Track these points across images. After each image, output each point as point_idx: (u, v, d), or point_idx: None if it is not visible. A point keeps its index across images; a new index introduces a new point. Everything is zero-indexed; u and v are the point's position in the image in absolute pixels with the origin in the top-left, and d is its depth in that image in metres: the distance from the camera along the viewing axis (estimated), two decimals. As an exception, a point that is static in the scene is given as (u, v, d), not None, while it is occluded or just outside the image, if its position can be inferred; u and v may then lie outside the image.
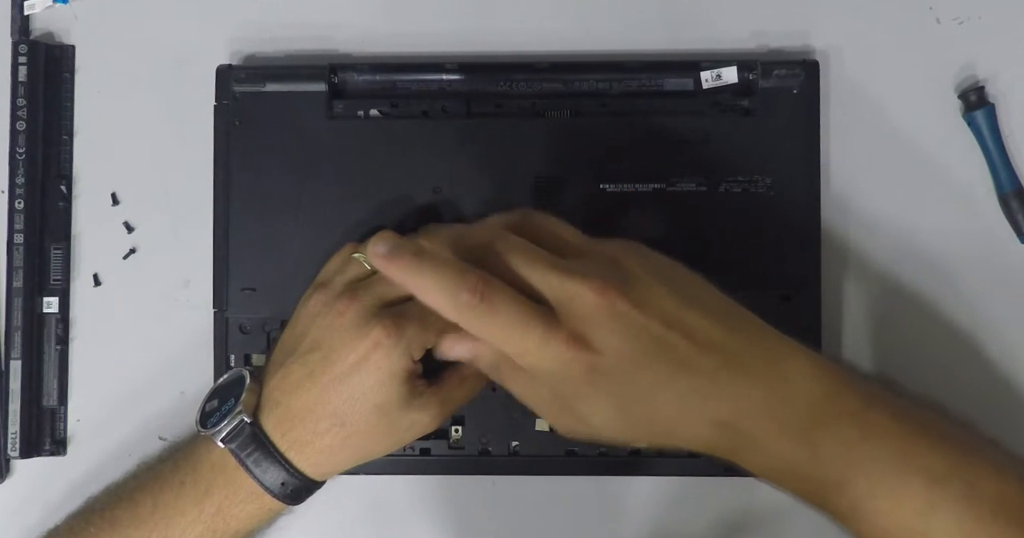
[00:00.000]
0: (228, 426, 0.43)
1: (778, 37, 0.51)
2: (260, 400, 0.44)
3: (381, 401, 0.42)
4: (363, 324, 0.42)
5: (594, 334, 0.39)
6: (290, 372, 0.43)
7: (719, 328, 0.40)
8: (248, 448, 0.43)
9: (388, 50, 0.52)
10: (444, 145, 0.49)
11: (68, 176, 0.51)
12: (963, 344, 0.50)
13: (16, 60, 0.50)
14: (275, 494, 0.43)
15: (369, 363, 0.42)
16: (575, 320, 0.39)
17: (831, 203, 0.50)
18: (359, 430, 0.43)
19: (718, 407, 0.39)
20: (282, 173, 0.49)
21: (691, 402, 0.39)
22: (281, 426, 0.43)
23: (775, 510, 0.49)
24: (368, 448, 0.44)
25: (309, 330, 0.44)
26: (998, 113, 0.49)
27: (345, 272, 0.45)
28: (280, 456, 0.43)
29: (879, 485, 0.38)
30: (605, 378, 0.39)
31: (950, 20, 0.51)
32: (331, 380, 0.42)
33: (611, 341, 0.39)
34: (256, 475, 0.43)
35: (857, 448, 0.38)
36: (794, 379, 0.39)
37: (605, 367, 0.39)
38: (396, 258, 0.40)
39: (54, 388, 0.50)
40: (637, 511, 0.50)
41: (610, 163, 0.49)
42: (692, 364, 0.39)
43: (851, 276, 0.50)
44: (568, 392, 0.40)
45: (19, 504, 0.50)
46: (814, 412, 0.39)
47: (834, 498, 0.39)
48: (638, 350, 0.39)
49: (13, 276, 0.49)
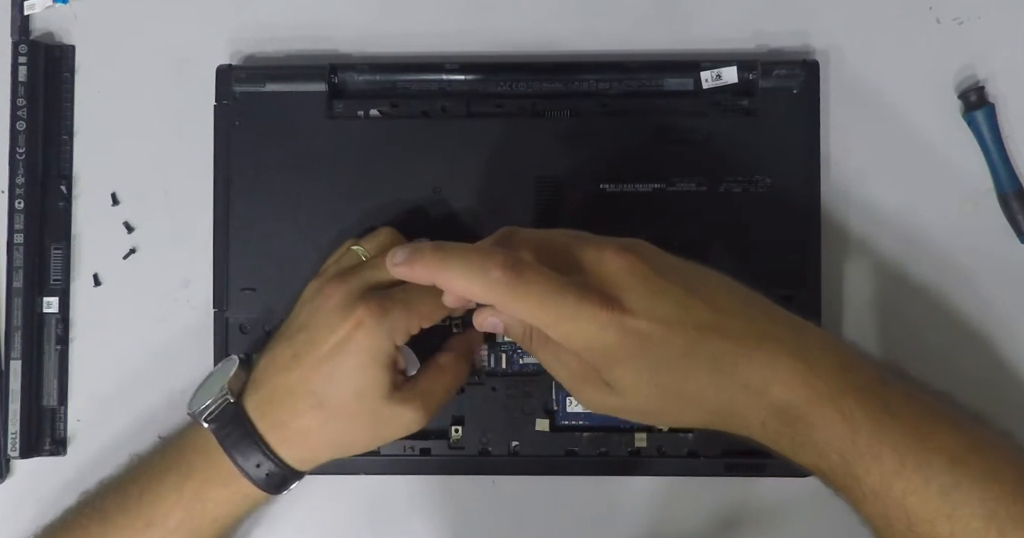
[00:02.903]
0: (212, 406, 0.43)
1: (778, 37, 0.51)
2: (247, 382, 0.45)
3: (361, 386, 0.42)
4: (348, 305, 0.42)
5: (626, 295, 0.38)
6: (276, 354, 0.44)
7: (736, 299, 0.40)
8: (227, 428, 0.43)
9: (388, 50, 0.52)
10: (444, 145, 0.49)
11: (68, 176, 0.51)
12: (964, 344, 0.50)
13: (16, 60, 0.50)
14: (251, 477, 0.43)
15: (351, 344, 0.42)
16: (605, 283, 0.39)
17: (831, 203, 0.50)
18: (337, 414, 0.43)
19: (748, 372, 0.38)
20: (282, 173, 0.49)
21: (722, 367, 0.38)
22: (261, 407, 0.44)
23: (773, 510, 0.50)
24: (347, 437, 0.44)
25: (299, 314, 0.44)
26: (998, 113, 0.49)
27: (341, 261, 0.46)
28: (257, 436, 0.43)
29: (907, 460, 0.38)
30: (639, 341, 0.38)
31: (950, 20, 0.51)
32: (314, 360, 0.43)
33: (642, 302, 0.38)
34: (233, 455, 0.43)
35: (884, 420, 0.38)
36: (813, 348, 0.39)
37: (639, 330, 0.38)
38: (418, 258, 0.40)
39: (54, 388, 0.50)
40: (637, 511, 0.50)
41: (610, 163, 0.49)
42: (719, 328, 0.39)
43: (851, 276, 0.50)
44: (600, 359, 0.40)
45: (19, 504, 0.50)
46: (841, 381, 0.38)
47: (864, 475, 0.38)
48: (668, 312, 0.38)
49: (13, 276, 0.49)
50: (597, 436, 0.48)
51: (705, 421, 0.41)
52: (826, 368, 0.39)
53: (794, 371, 0.38)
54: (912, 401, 0.39)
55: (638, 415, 0.42)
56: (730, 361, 0.38)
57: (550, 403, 0.49)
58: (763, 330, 0.39)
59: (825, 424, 0.38)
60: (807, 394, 0.38)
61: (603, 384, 0.40)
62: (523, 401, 0.48)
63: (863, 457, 0.38)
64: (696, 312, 0.39)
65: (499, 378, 0.48)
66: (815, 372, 0.38)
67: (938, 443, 0.38)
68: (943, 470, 0.38)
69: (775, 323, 0.40)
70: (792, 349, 0.39)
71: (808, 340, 0.40)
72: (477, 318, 0.42)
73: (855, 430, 0.38)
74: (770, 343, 0.39)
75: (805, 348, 0.39)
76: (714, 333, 0.38)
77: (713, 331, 0.38)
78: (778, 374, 0.38)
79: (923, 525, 0.38)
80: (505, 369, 0.49)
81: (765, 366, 0.38)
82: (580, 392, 0.42)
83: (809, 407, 0.38)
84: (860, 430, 0.38)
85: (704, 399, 0.39)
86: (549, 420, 0.48)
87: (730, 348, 0.38)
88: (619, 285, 0.39)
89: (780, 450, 0.40)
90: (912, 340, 0.50)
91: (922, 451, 0.38)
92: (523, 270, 0.39)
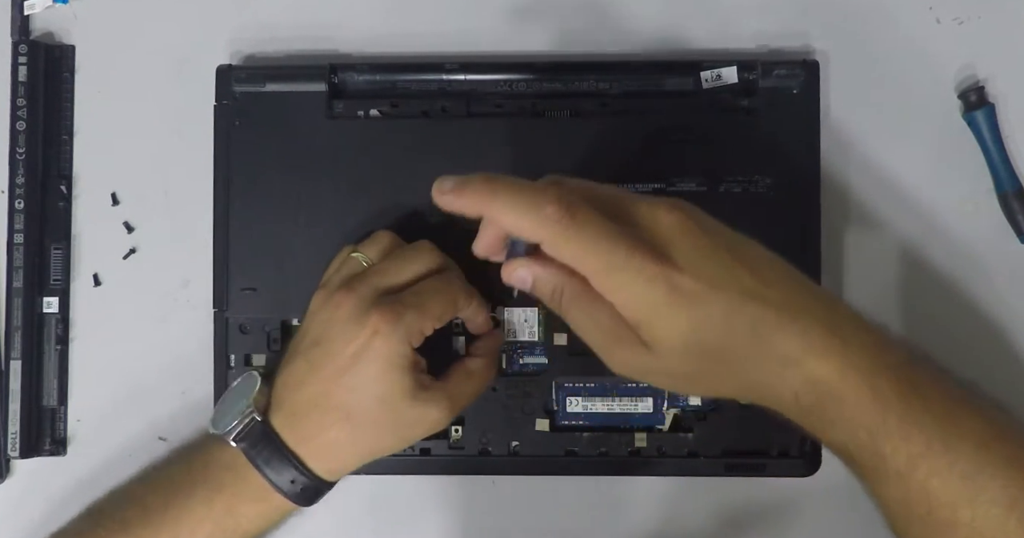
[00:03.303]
0: (239, 425, 0.43)
1: (778, 37, 0.51)
2: (270, 400, 0.44)
3: (384, 392, 0.42)
4: (360, 314, 0.42)
5: (675, 251, 0.38)
6: (294, 369, 0.44)
7: (778, 270, 0.40)
8: (258, 446, 0.43)
9: (388, 50, 0.52)
10: (444, 145, 0.49)
11: (68, 176, 0.51)
12: (964, 344, 0.50)
13: (16, 60, 0.50)
14: (285, 492, 0.43)
15: (369, 352, 0.42)
16: (656, 238, 0.38)
17: (831, 203, 0.49)
18: (364, 423, 0.43)
19: (785, 342, 0.38)
20: (282, 173, 0.49)
21: (761, 334, 0.38)
22: (289, 423, 0.43)
23: (773, 510, 0.50)
24: (375, 443, 0.44)
25: (310, 327, 0.44)
26: (998, 113, 0.49)
27: (342, 270, 0.45)
28: (289, 453, 0.43)
29: (933, 442, 0.38)
30: (685, 298, 0.38)
31: (950, 20, 0.51)
32: (333, 372, 0.42)
33: (691, 258, 0.38)
34: (266, 473, 0.43)
35: (914, 401, 0.38)
36: (848, 326, 0.39)
37: (686, 286, 0.38)
38: (467, 187, 0.39)
39: (54, 388, 0.50)
40: (637, 511, 0.50)
41: (610, 163, 0.49)
42: (760, 295, 0.38)
43: (851, 275, 0.50)
44: (642, 314, 0.38)
45: (19, 504, 0.50)
46: (875, 359, 0.38)
47: (892, 454, 0.38)
48: (714, 272, 0.38)
49: (13, 276, 0.49)
50: (597, 436, 0.48)
51: (736, 391, 0.40)
52: (860, 345, 0.38)
53: (829, 345, 0.38)
54: (940, 385, 0.39)
55: (670, 379, 0.41)
56: (769, 329, 0.38)
57: (550, 403, 0.49)
58: (801, 303, 0.39)
59: (857, 400, 0.38)
60: (841, 369, 0.38)
61: (638, 343, 0.39)
62: (523, 401, 0.48)
63: (892, 436, 0.38)
64: (741, 277, 0.38)
65: (499, 378, 0.48)
66: (850, 348, 0.38)
67: (965, 428, 0.38)
68: (967, 455, 0.38)
69: (812, 297, 0.40)
70: (828, 324, 0.38)
71: (842, 317, 0.39)
72: (506, 270, 0.41)
73: (886, 408, 0.38)
74: (807, 316, 0.38)
75: (840, 325, 0.39)
76: (756, 299, 0.38)
77: (755, 297, 0.38)
78: (814, 347, 0.38)
79: (943, 509, 0.38)
80: (505, 369, 0.49)
81: (802, 338, 0.38)
82: (611, 353, 0.40)
83: (842, 382, 0.38)
84: (891, 409, 0.38)
85: (740, 366, 0.39)
86: (549, 420, 0.48)
87: (770, 316, 0.38)
88: (670, 241, 0.38)
89: (810, 426, 0.40)
90: (912, 340, 0.50)
91: (949, 435, 0.38)
92: (577, 211, 0.38)
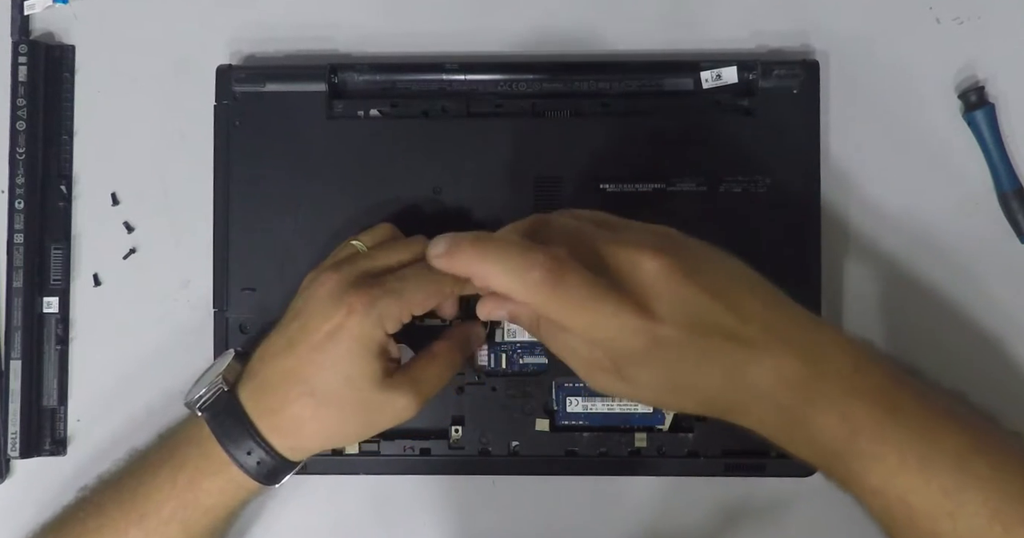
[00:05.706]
0: (207, 395, 0.44)
1: (778, 37, 0.51)
2: (242, 372, 0.45)
3: (352, 373, 0.42)
4: (340, 292, 0.42)
5: (657, 302, 0.39)
6: (272, 343, 0.44)
7: (758, 302, 0.40)
8: (220, 416, 0.43)
9: (388, 50, 0.52)
10: (444, 145, 0.49)
11: (68, 176, 0.51)
12: (964, 344, 0.50)
13: (16, 60, 0.50)
14: (241, 464, 0.43)
15: (343, 331, 0.42)
16: (640, 289, 0.39)
17: (831, 203, 0.50)
18: (328, 401, 0.43)
19: (759, 376, 0.39)
20: (282, 173, 0.49)
21: (734, 370, 0.39)
22: (255, 395, 0.44)
23: (773, 510, 0.50)
24: (339, 425, 0.44)
25: (295, 303, 0.44)
26: (998, 113, 0.49)
27: (338, 255, 0.46)
28: (249, 423, 0.43)
29: (909, 460, 0.38)
30: (665, 348, 0.39)
31: (950, 20, 0.51)
32: (306, 349, 0.42)
33: (673, 308, 0.39)
34: (225, 444, 0.43)
35: (888, 422, 0.39)
36: (827, 350, 0.40)
37: (666, 337, 0.39)
38: (458, 250, 0.40)
39: (54, 388, 0.50)
40: (637, 511, 0.50)
41: (610, 163, 0.49)
42: (736, 335, 0.39)
43: (851, 275, 0.50)
44: (623, 358, 0.40)
45: (19, 504, 0.50)
46: (847, 384, 0.39)
47: (864, 473, 0.39)
48: (694, 319, 0.39)
49: (13, 276, 0.49)
50: (597, 436, 0.48)
51: (709, 410, 0.41)
52: (834, 370, 0.39)
53: (800, 375, 0.39)
54: (923, 401, 0.40)
55: (645, 401, 0.46)
56: (741, 367, 0.39)
57: (550, 403, 0.49)
58: (779, 333, 0.39)
59: (824, 426, 0.39)
60: (808, 397, 0.39)
61: (614, 373, 0.40)
62: (523, 401, 0.48)
63: (862, 457, 0.39)
64: (720, 320, 0.39)
65: (499, 378, 0.49)
66: (821, 375, 0.39)
67: (946, 444, 0.39)
68: (946, 471, 0.38)
69: (793, 324, 0.40)
70: (801, 352, 0.39)
71: (823, 340, 0.40)
72: (482, 309, 0.42)
73: (855, 432, 0.38)
74: (782, 348, 0.39)
75: (815, 351, 0.39)
76: (733, 340, 0.39)
77: (732, 338, 0.39)
78: (784, 379, 0.39)
79: (924, 520, 0.38)
80: (505, 369, 0.49)
81: (774, 372, 0.39)
82: (590, 378, 0.42)
83: (808, 409, 0.39)
84: (861, 432, 0.38)
85: (712, 395, 0.40)
86: (549, 420, 0.48)
87: (744, 355, 0.39)
88: (652, 290, 0.39)
89: (779, 444, 0.40)
90: (912, 340, 0.50)
91: (928, 452, 0.38)
92: (564, 273, 0.39)
